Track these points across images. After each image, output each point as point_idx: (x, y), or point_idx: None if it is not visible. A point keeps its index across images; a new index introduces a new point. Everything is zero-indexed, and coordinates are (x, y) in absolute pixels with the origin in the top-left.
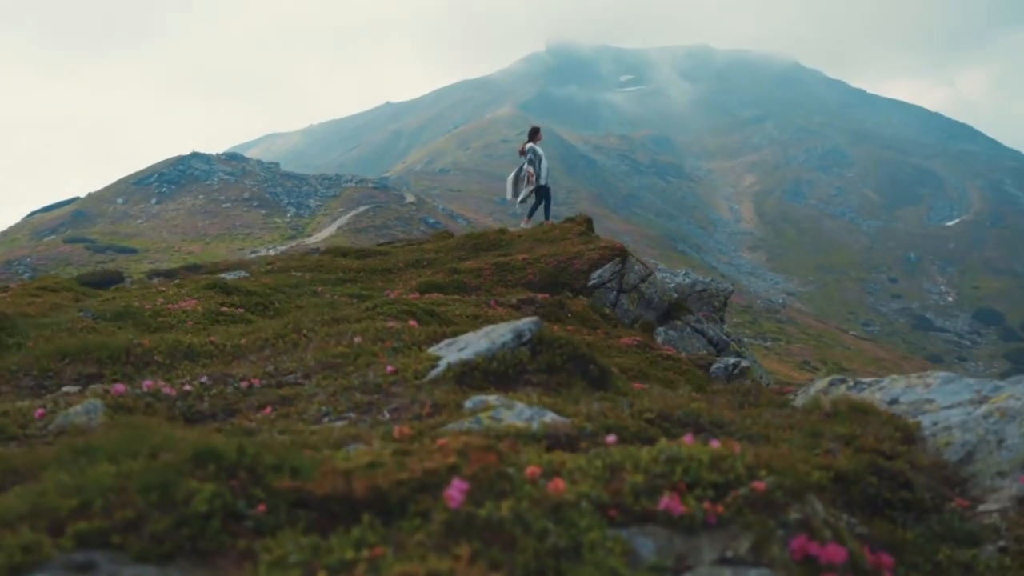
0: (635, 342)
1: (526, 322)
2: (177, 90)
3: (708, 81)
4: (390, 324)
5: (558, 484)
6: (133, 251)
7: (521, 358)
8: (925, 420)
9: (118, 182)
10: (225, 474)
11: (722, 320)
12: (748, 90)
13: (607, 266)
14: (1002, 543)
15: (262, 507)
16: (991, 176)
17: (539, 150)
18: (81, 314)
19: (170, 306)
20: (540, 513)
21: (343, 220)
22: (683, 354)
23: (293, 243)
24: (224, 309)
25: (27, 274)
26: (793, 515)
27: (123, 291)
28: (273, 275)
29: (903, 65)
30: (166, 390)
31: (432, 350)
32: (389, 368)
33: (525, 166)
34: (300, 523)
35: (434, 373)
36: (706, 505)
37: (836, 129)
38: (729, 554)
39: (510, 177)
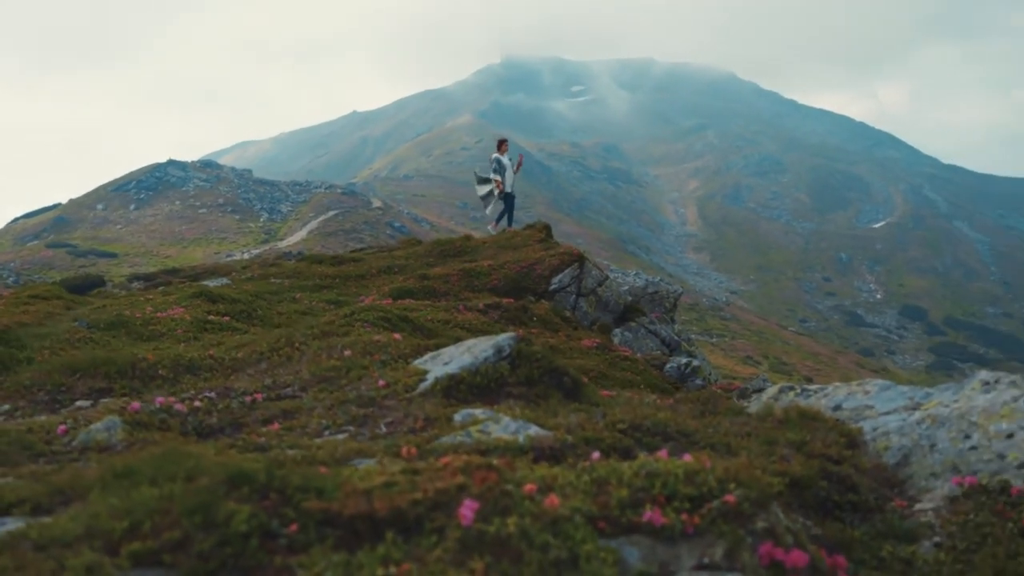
0: (595, 344)
1: (505, 338)
2: (152, 101)
3: (652, 92)
4: (376, 337)
5: (553, 500)
6: (113, 255)
7: (502, 372)
8: (866, 426)
9: (98, 189)
10: (257, 496)
11: (673, 320)
12: (689, 101)
13: (566, 271)
14: (937, 539)
15: (294, 526)
16: (912, 181)
17: (504, 160)
18: (76, 324)
19: (159, 314)
20: (541, 528)
21: (313, 224)
22: (639, 355)
23: (266, 247)
24: (211, 317)
25: (11, 278)
26: (760, 524)
27: (112, 299)
28: (254, 282)
29: (830, 78)
30: (178, 406)
31: (418, 363)
32: (381, 382)
33: (492, 175)
34: (328, 540)
35: (423, 387)
36: (684, 516)
37: (770, 137)
38: (706, 560)
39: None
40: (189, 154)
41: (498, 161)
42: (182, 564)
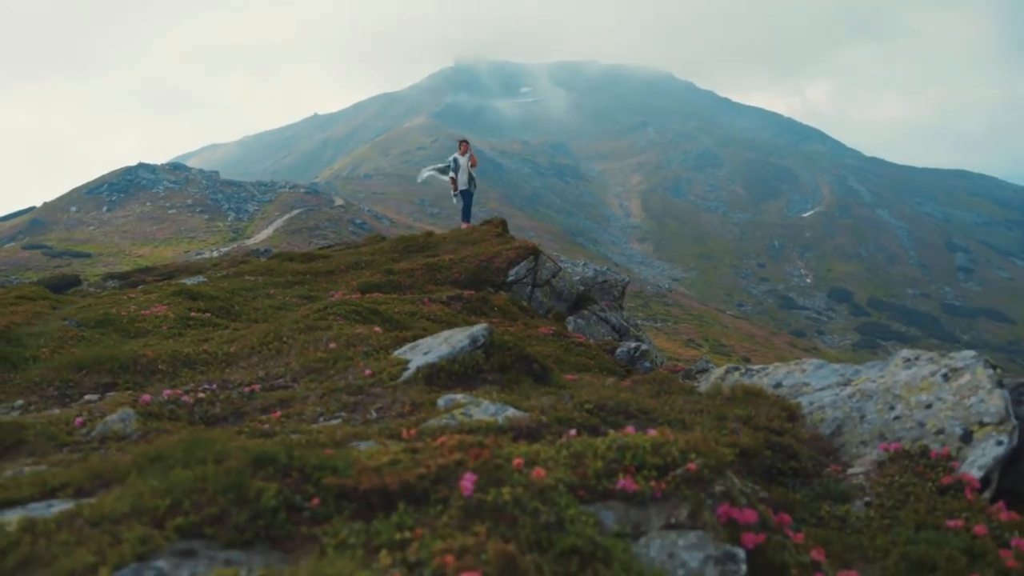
0: (551, 331)
1: (479, 329)
2: (120, 107)
3: (595, 92)
4: (358, 330)
5: (539, 472)
6: (87, 255)
7: (478, 360)
8: (804, 400)
9: (71, 192)
10: (280, 475)
11: (621, 308)
12: (631, 100)
13: (522, 264)
14: (867, 499)
15: (315, 501)
16: (837, 173)
17: (460, 160)
18: (66, 323)
19: (144, 312)
20: (530, 496)
21: (279, 223)
22: (592, 340)
23: (234, 245)
24: (193, 314)
25: None
26: (717, 488)
27: (96, 298)
28: (229, 280)
29: (760, 77)
30: (184, 398)
31: (398, 353)
32: (367, 372)
33: (450, 174)
34: (346, 512)
35: (406, 375)
36: (652, 483)
37: (707, 133)
38: (672, 521)
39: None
40: (158, 157)
41: (455, 160)
42: (221, 535)
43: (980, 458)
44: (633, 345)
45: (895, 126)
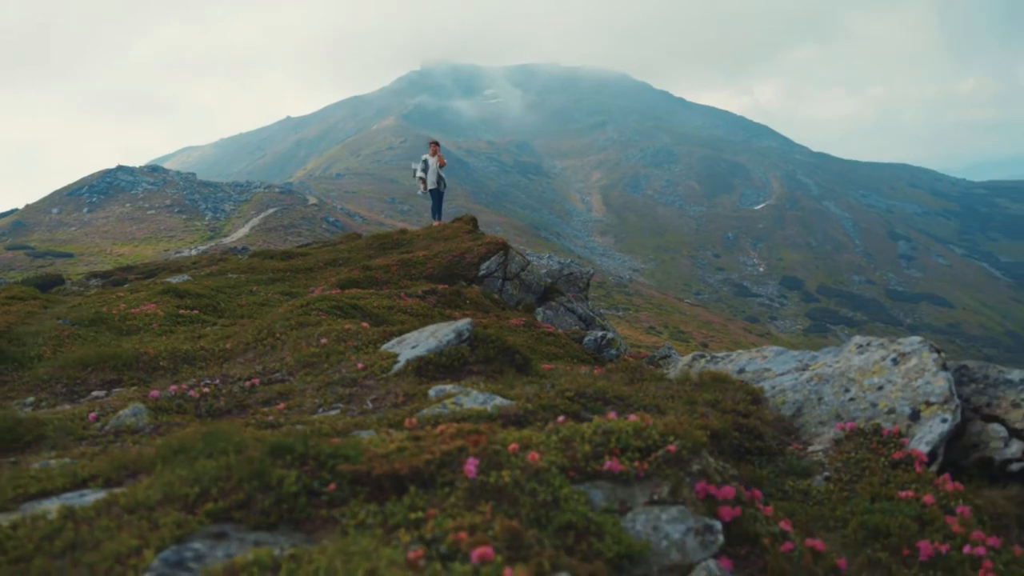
0: (522, 322)
1: (463, 323)
2: (98, 113)
3: (557, 93)
4: (347, 326)
5: (534, 455)
6: (69, 255)
7: (463, 352)
8: (766, 385)
9: (52, 194)
10: (298, 463)
11: (587, 298)
12: (590, 100)
13: (493, 258)
14: (827, 474)
15: (332, 486)
16: (786, 167)
17: (430, 161)
18: (60, 322)
19: (134, 311)
20: (528, 478)
21: (255, 221)
22: (560, 330)
23: (212, 243)
24: (182, 312)
25: None
26: (695, 467)
27: (84, 297)
28: (213, 278)
29: (713, 77)
30: (190, 393)
31: (386, 347)
32: (359, 365)
33: (419, 174)
34: (361, 495)
35: (396, 367)
36: (636, 464)
37: (663, 131)
38: (655, 497)
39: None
40: (136, 160)
41: (425, 161)
42: (248, 519)
43: (927, 435)
44: (600, 334)
45: (840, 123)
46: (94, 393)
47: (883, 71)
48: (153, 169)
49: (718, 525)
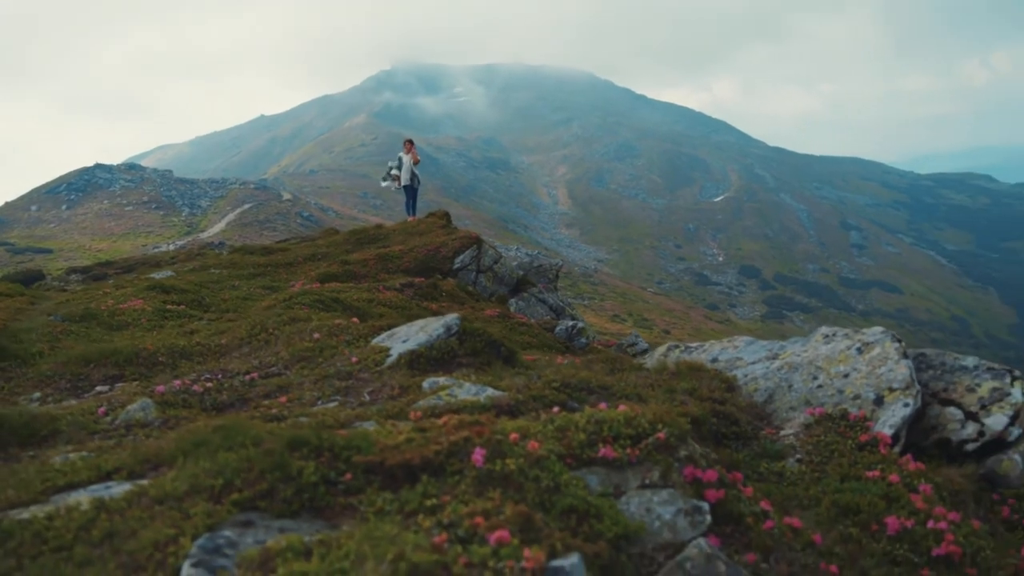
0: (496, 313)
1: (452, 318)
2: (75, 112)
3: (524, 90)
4: (338, 321)
5: (534, 444)
6: (49, 251)
7: (452, 346)
8: (739, 373)
9: (31, 192)
10: (314, 454)
11: (556, 289)
12: (555, 97)
13: (467, 252)
14: (799, 456)
15: (348, 475)
16: (744, 161)
17: (404, 159)
18: (51, 318)
19: (122, 306)
20: (530, 465)
21: (231, 217)
22: (533, 320)
23: (189, 238)
24: (169, 307)
25: None
26: (682, 452)
27: (72, 293)
28: (196, 273)
29: (672, 75)
30: (194, 387)
31: (377, 341)
32: (353, 359)
33: (393, 172)
34: (375, 484)
35: (389, 361)
36: (628, 450)
37: (626, 127)
38: (647, 481)
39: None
40: (114, 158)
41: (399, 159)
42: (272, 508)
43: (891, 418)
44: (570, 323)
45: (795, 119)
46: (98, 388)
47: (834, 69)
48: (130, 167)
49: (705, 506)
